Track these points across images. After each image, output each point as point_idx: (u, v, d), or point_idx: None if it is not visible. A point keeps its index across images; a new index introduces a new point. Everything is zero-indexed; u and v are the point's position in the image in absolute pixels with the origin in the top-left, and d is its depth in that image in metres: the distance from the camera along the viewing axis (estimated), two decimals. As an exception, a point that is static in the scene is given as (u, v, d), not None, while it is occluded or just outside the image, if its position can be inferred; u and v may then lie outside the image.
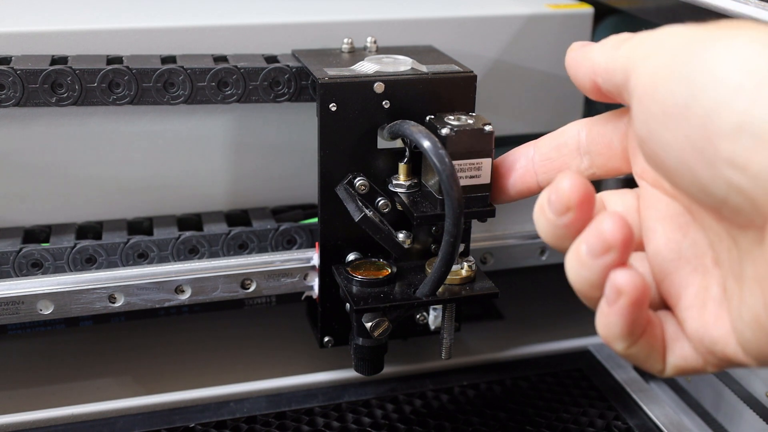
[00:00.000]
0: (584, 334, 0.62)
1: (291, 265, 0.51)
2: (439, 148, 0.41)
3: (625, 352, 0.32)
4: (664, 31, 0.31)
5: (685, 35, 0.30)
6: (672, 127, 0.29)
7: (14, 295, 0.47)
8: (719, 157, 0.27)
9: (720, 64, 0.27)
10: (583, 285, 0.31)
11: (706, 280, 0.32)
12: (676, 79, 0.29)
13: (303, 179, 0.55)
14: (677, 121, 0.28)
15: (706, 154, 0.27)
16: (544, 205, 0.32)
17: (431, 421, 0.52)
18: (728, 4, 0.47)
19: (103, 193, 0.52)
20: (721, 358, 0.31)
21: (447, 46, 0.56)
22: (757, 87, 0.26)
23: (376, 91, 0.47)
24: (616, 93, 0.34)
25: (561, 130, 0.39)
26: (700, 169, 0.28)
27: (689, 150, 0.28)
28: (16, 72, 0.47)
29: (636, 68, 0.31)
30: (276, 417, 0.52)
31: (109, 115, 0.51)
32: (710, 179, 0.28)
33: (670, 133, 0.29)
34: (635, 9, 0.59)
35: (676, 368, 0.32)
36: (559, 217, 0.32)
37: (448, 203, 0.41)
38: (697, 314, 0.31)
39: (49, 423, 0.51)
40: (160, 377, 0.56)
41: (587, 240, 0.30)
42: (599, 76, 0.34)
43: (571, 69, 0.36)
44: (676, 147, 0.29)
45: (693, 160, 0.28)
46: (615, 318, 0.30)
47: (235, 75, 0.50)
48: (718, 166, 0.27)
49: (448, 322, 0.48)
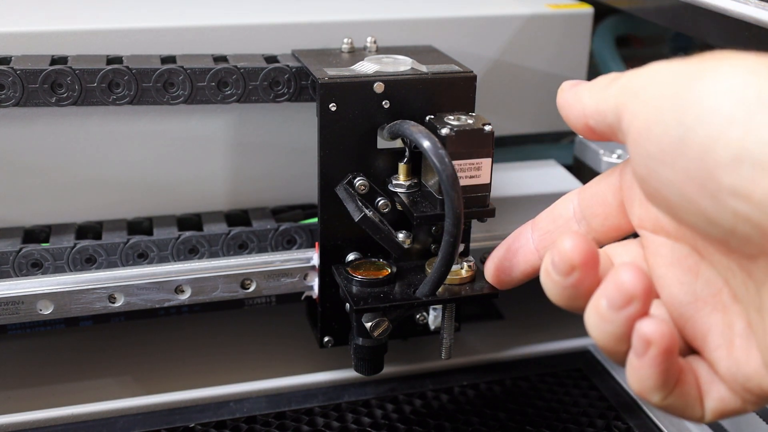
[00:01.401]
0: (584, 334, 0.61)
1: (291, 265, 0.51)
2: (439, 148, 0.41)
3: (662, 403, 0.31)
4: (651, 69, 0.31)
5: (673, 71, 0.30)
6: (670, 163, 0.29)
7: (14, 295, 0.47)
8: (721, 188, 0.27)
9: (709, 96, 0.27)
10: (607, 340, 0.31)
11: (728, 317, 0.31)
12: (669, 116, 0.29)
13: (303, 179, 0.55)
14: (675, 157, 0.28)
15: (708, 187, 0.27)
16: (549, 268, 0.32)
17: (431, 421, 0.52)
18: (728, 4, 0.47)
19: (103, 193, 0.52)
20: (758, 395, 0.30)
21: (447, 46, 0.56)
22: (748, 115, 0.26)
23: (375, 91, 0.47)
24: (610, 133, 0.34)
25: (554, 205, 0.40)
26: (704, 202, 0.28)
27: (690, 184, 0.28)
28: (16, 72, 0.47)
29: (627, 108, 0.31)
30: (276, 417, 0.52)
31: (109, 115, 0.51)
32: (715, 211, 0.28)
33: (669, 170, 0.29)
34: (635, 9, 0.59)
35: (715, 412, 0.32)
36: (565, 278, 0.32)
37: (447, 203, 0.41)
38: (727, 353, 0.31)
39: (49, 423, 0.51)
40: (160, 377, 0.56)
41: (607, 294, 0.30)
42: (590, 119, 0.34)
43: (563, 110, 0.36)
44: (677, 183, 0.29)
45: (696, 194, 0.28)
46: (647, 370, 0.30)
47: (235, 75, 0.50)
48: (721, 197, 0.27)
49: (448, 322, 0.48)
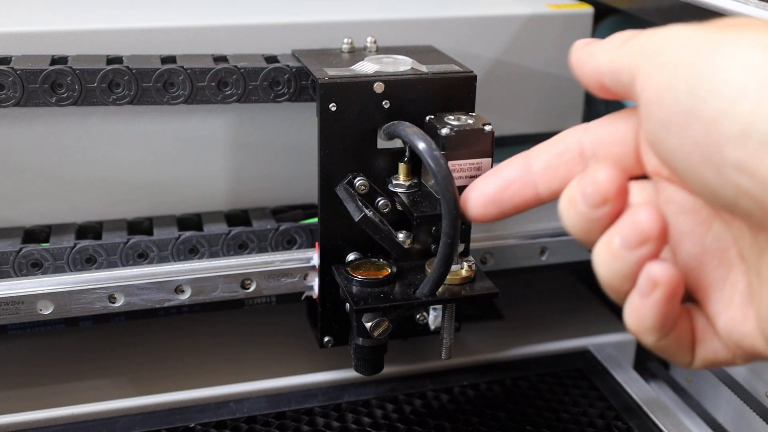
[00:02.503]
0: (584, 334, 0.62)
1: (291, 265, 0.51)
2: (433, 149, 0.41)
3: (655, 345, 0.31)
4: (667, 33, 0.31)
5: (689, 38, 0.30)
6: (679, 133, 0.29)
7: (14, 295, 0.47)
8: (727, 162, 0.27)
9: (723, 69, 0.27)
10: (614, 277, 0.31)
11: (732, 275, 0.31)
12: (682, 84, 0.29)
13: (303, 179, 0.55)
14: (684, 127, 0.28)
15: (713, 159, 0.27)
16: (576, 198, 0.31)
17: (431, 421, 0.52)
18: (728, 4, 0.47)
19: (103, 193, 0.52)
20: (749, 352, 0.30)
21: (447, 46, 0.56)
22: (760, 91, 0.26)
23: (376, 91, 0.47)
24: (624, 92, 0.33)
25: (559, 138, 0.38)
26: (709, 174, 0.28)
27: (697, 156, 0.28)
28: (16, 72, 0.47)
29: (641, 71, 0.31)
30: (276, 417, 0.52)
31: (109, 115, 0.51)
32: (719, 184, 0.28)
33: (677, 139, 0.29)
34: (635, 9, 0.59)
35: (705, 361, 0.32)
36: (593, 210, 0.31)
37: (444, 204, 0.41)
38: (725, 309, 0.31)
39: (49, 423, 0.51)
40: (160, 377, 0.56)
41: (622, 232, 0.30)
42: (605, 77, 0.34)
43: (577, 69, 0.36)
44: (684, 152, 0.29)
45: (701, 166, 0.28)
46: (648, 311, 0.30)
47: (235, 75, 0.50)
48: (725, 171, 0.27)
49: (448, 322, 0.48)
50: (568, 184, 0.33)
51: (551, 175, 0.38)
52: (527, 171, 0.38)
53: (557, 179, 0.38)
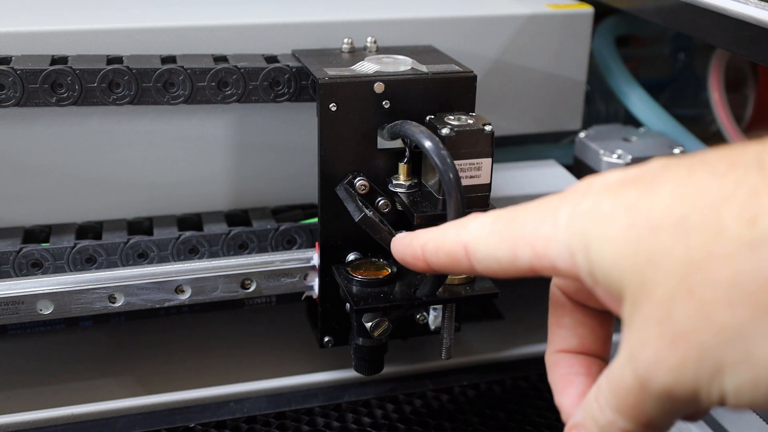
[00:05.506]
0: (584, 334, 0.62)
1: (291, 265, 0.51)
2: (441, 148, 0.41)
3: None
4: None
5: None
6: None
7: (14, 295, 0.47)
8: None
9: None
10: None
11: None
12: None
13: (303, 179, 0.55)
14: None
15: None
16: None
17: (431, 421, 0.52)
18: (728, 4, 0.47)
19: (103, 193, 0.52)
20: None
21: (447, 46, 0.56)
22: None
23: (376, 91, 0.47)
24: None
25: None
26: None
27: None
28: (16, 72, 0.47)
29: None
30: (276, 417, 0.52)
31: (109, 115, 0.51)
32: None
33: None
34: (635, 9, 0.59)
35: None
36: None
37: (450, 204, 0.41)
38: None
39: (49, 423, 0.51)
40: (160, 377, 0.56)
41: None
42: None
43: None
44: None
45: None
46: None
47: (235, 75, 0.50)
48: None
49: (448, 322, 0.48)
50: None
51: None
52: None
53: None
